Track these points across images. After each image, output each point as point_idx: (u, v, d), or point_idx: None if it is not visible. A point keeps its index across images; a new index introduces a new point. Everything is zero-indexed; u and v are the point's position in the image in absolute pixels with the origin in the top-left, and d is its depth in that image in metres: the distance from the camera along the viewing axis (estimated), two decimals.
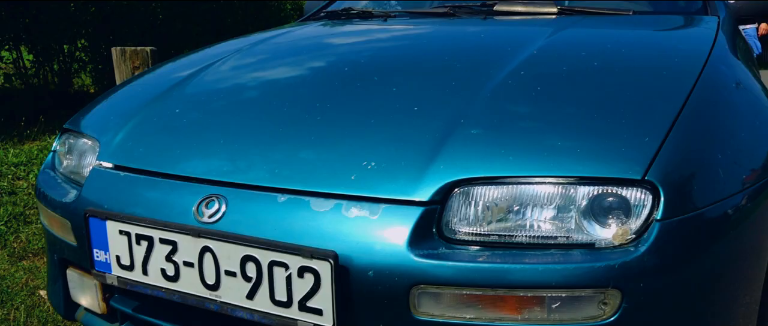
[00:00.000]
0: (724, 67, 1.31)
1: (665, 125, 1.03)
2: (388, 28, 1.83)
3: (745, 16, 1.90)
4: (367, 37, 1.79)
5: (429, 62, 1.42)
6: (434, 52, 1.50)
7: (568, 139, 1.02)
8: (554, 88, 1.17)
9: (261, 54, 1.68)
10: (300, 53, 1.67)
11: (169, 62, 1.86)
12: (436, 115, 1.12)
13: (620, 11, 1.79)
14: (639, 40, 1.52)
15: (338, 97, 1.27)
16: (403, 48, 1.59)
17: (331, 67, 1.47)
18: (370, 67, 1.41)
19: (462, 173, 1.00)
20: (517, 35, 1.59)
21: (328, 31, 1.94)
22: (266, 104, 1.30)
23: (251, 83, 1.45)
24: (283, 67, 1.54)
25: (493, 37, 1.59)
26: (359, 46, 1.67)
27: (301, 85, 1.37)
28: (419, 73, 1.35)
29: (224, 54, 1.72)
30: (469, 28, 1.72)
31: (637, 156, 0.97)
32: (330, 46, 1.74)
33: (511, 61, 1.29)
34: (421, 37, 1.72)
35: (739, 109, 1.21)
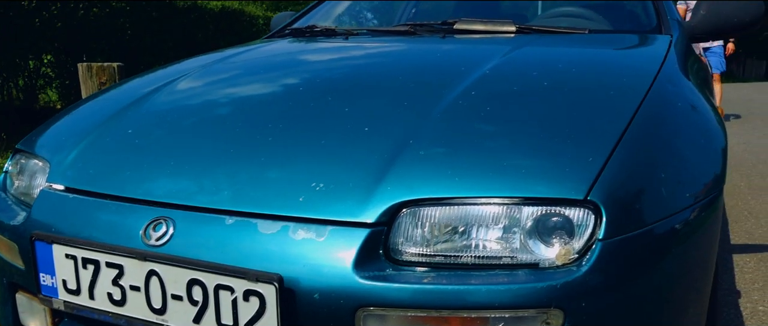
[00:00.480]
0: (671, 86, 1.34)
1: (609, 144, 1.05)
2: (348, 47, 1.83)
3: (699, 34, 1.93)
4: (326, 56, 1.79)
5: (383, 82, 1.43)
6: (389, 72, 1.51)
7: (514, 159, 1.03)
8: (503, 108, 1.19)
9: (219, 72, 1.67)
10: (257, 72, 1.66)
11: (128, 80, 1.84)
12: (386, 136, 1.13)
13: (576, 30, 1.82)
14: (590, 59, 1.55)
15: (291, 117, 1.27)
16: (360, 67, 1.60)
17: (286, 87, 1.48)
18: (324, 87, 1.42)
19: (409, 194, 1.00)
20: (471, 54, 1.60)
21: (288, 50, 1.94)
22: (219, 124, 1.29)
23: (205, 103, 1.44)
24: (238, 87, 1.54)
25: (449, 56, 1.61)
26: (316, 66, 1.67)
27: (255, 105, 1.37)
28: (373, 92, 1.36)
29: (184, 72, 1.71)
30: (427, 47, 1.73)
31: (580, 176, 0.99)
32: (288, 65, 1.74)
33: (464, 81, 1.30)
34: (378, 56, 1.73)
35: (685, 127, 1.24)
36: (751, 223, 3.17)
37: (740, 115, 8.17)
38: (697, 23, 1.91)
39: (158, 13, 5.69)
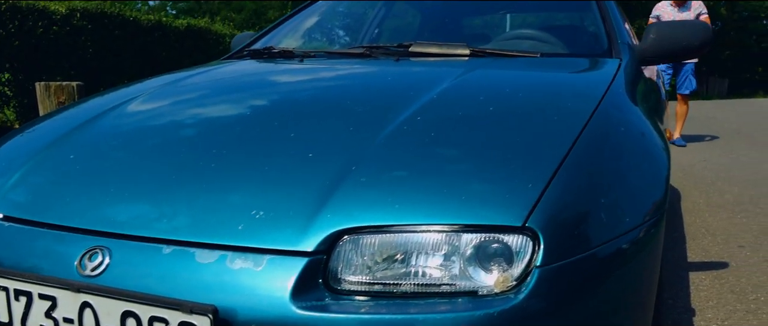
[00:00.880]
0: (615, 110, 1.36)
1: (549, 170, 1.06)
2: (302, 70, 1.83)
3: (650, 57, 1.97)
4: (278, 79, 1.78)
5: (332, 106, 1.42)
6: (339, 96, 1.51)
7: (454, 186, 1.04)
8: (447, 133, 1.19)
9: (169, 96, 1.66)
10: (207, 96, 1.65)
11: (80, 101, 1.81)
12: (329, 162, 1.12)
13: (528, 53, 1.84)
14: (538, 83, 1.57)
15: (236, 142, 1.26)
16: (310, 91, 1.59)
17: (234, 111, 1.46)
18: (272, 111, 1.41)
19: (350, 222, 1.00)
20: (422, 78, 1.61)
21: (242, 72, 1.93)
22: (161, 150, 1.27)
23: (150, 128, 1.42)
24: (186, 111, 1.52)
25: (400, 80, 1.62)
26: (267, 89, 1.66)
27: (201, 130, 1.36)
28: (320, 117, 1.35)
29: (134, 94, 1.69)
30: (379, 70, 1.74)
31: (518, 202, 0.99)
32: (239, 88, 1.73)
33: (411, 106, 1.31)
34: (330, 79, 1.73)
35: (627, 152, 1.25)
36: (708, 241, 3.22)
37: (703, 134, 8.35)
38: (648, 47, 1.95)
39: (121, 32, 5.61)
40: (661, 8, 6.49)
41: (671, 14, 6.37)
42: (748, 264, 2.82)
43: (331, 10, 2.88)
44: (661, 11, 6.46)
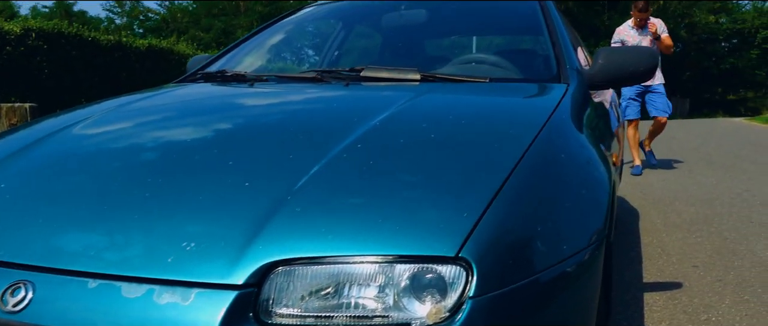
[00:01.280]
0: (557, 136, 1.37)
1: (485, 199, 1.05)
2: (250, 94, 1.81)
3: (598, 83, 2.00)
4: (225, 104, 1.77)
5: (274, 133, 1.41)
6: (283, 122, 1.49)
7: (390, 216, 1.03)
8: (385, 162, 1.18)
9: (111, 121, 1.62)
10: (150, 121, 1.62)
11: (21, 126, 1.76)
12: (265, 191, 1.11)
13: (477, 79, 1.85)
14: (483, 109, 1.57)
15: (173, 170, 1.23)
16: (255, 116, 1.58)
17: (175, 137, 1.44)
18: (214, 138, 1.39)
19: (282, 253, 0.98)
20: (367, 105, 1.61)
21: (190, 96, 1.90)
22: (95, 178, 1.24)
23: (86, 154, 1.39)
24: (126, 137, 1.49)
25: (346, 106, 1.61)
26: (211, 115, 1.64)
27: (139, 158, 1.33)
28: (262, 144, 1.34)
29: (80, 118, 1.65)
30: (327, 96, 1.73)
31: (452, 232, 0.98)
32: (183, 114, 1.70)
33: (353, 133, 1.30)
34: (277, 105, 1.71)
35: (567, 179, 1.26)
36: (663, 261, 3.27)
37: (664, 153, 8.52)
38: (596, 72, 1.98)
39: (79, 52, 5.50)
40: (624, 32, 6.37)
41: (635, 37, 6.26)
42: (701, 284, 2.86)
43: (291, 32, 2.87)
44: (625, 35, 6.34)
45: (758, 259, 3.23)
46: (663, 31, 6.33)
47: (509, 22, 2.59)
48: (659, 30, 6.26)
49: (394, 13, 2.71)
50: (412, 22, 2.67)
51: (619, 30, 6.44)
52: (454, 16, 2.64)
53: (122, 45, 6.07)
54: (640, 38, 6.26)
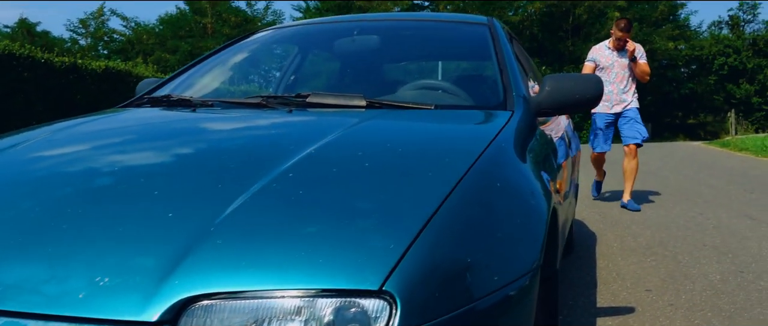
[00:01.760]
0: (494, 166, 1.36)
1: (413, 230, 1.03)
2: (191, 120, 1.78)
3: (545, 109, 2.01)
4: (163, 131, 1.72)
5: (207, 161, 1.37)
6: (217, 150, 1.46)
7: (314, 248, 1.00)
8: (315, 192, 1.16)
9: (44, 147, 1.57)
10: (83, 148, 1.57)
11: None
12: (188, 223, 1.07)
13: (422, 105, 1.85)
14: (422, 137, 1.56)
15: (97, 199, 1.19)
16: (190, 144, 1.54)
17: (105, 165, 1.39)
18: (144, 166, 1.35)
19: (200, 288, 0.94)
20: (306, 132, 1.58)
21: (129, 122, 1.86)
22: (12, 208, 1.19)
23: (9, 182, 1.33)
24: (54, 164, 1.44)
25: (285, 133, 1.59)
26: (146, 142, 1.60)
27: (63, 186, 1.27)
28: (191, 173, 1.30)
29: (15, 143, 1.60)
30: (267, 123, 1.70)
31: (377, 265, 0.96)
32: (117, 140, 1.65)
33: (286, 162, 1.27)
34: (215, 132, 1.68)
35: (502, 209, 1.25)
36: (618, 285, 3.29)
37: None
38: (543, 99, 1.99)
39: (31, 74, 5.36)
40: (598, 51, 5.90)
41: (609, 58, 5.79)
42: (653, 308, 2.88)
43: (246, 56, 2.84)
44: (598, 55, 5.87)
45: (709, 283, 3.28)
46: (641, 56, 5.83)
47: (459, 48, 2.60)
48: (637, 53, 5.77)
49: (347, 38, 2.71)
50: (366, 47, 2.66)
51: (595, 48, 6.00)
52: (406, 41, 2.65)
53: (77, 67, 5.94)
54: (613, 60, 5.81)
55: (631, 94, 5.86)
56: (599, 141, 5.95)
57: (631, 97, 5.85)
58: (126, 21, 30.84)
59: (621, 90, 5.83)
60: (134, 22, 30.68)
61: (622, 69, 5.81)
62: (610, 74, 5.81)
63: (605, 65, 5.81)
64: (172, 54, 29.19)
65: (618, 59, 5.81)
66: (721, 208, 5.74)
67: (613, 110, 5.83)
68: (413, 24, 2.84)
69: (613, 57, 5.82)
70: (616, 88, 5.82)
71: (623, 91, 5.83)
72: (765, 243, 4.22)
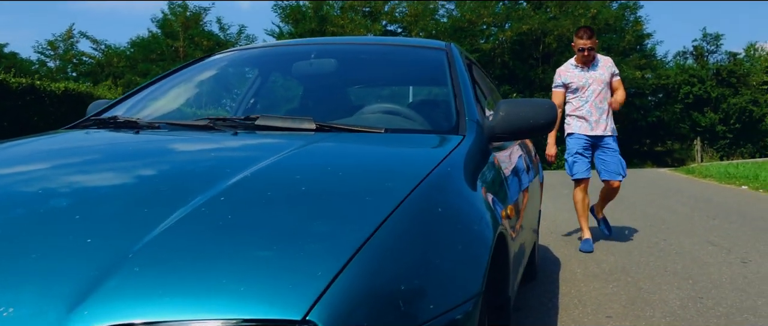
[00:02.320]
0: (437, 190, 1.33)
1: (343, 257, 0.99)
2: (131, 142, 1.72)
3: (499, 134, 1.99)
4: (100, 152, 1.66)
5: (136, 184, 1.32)
6: (151, 173, 1.41)
7: (237, 276, 0.95)
8: (244, 217, 1.11)
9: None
10: (13, 170, 1.50)
11: None
12: (107, 249, 1.01)
13: (372, 129, 1.82)
14: (366, 161, 1.53)
15: (12, 224, 1.12)
16: (124, 167, 1.48)
17: (31, 186, 1.33)
18: (69, 189, 1.29)
19: (113, 318, 0.88)
20: (247, 155, 1.54)
21: (68, 143, 1.79)
22: None
23: None
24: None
25: (224, 155, 1.54)
26: (79, 164, 1.53)
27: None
28: (118, 197, 1.24)
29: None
30: (210, 146, 1.66)
31: (301, 294, 0.92)
32: (50, 162, 1.59)
33: (220, 185, 1.22)
34: (153, 154, 1.62)
35: (441, 235, 1.21)
36: (579, 311, 3.28)
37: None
38: (497, 124, 1.97)
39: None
40: (566, 73, 5.14)
41: (581, 76, 5.07)
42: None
43: (202, 78, 2.79)
44: (567, 76, 5.12)
45: (669, 309, 3.28)
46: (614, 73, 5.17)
47: (416, 72, 2.60)
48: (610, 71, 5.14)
49: (305, 61, 2.68)
50: (324, 70, 2.64)
51: (561, 70, 5.21)
52: (364, 65, 2.63)
53: (35, 88, 5.81)
54: (587, 77, 5.07)
55: (610, 114, 5.14)
56: (581, 166, 5.11)
57: (609, 120, 5.14)
58: (96, 43, 30.40)
59: (600, 109, 5.07)
60: (104, 45, 30.38)
61: (599, 85, 5.07)
62: (587, 92, 5.08)
63: (579, 85, 5.08)
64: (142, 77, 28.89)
65: (592, 75, 5.08)
66: (684, 234, 5.80)
67: (592, 132, 5.08)
68: (372, 48, 2.82)
69: (585, 75, 5.09)
70: (595, 107, 5.07)
71: (603, 111, 5.08)
72: (725, 269, 4.26)
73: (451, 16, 30.62)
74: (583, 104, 5.09)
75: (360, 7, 30.57)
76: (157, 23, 31.31)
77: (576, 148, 5.09)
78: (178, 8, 30.80)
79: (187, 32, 29.94)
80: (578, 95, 5.10)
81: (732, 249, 4.98)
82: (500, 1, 31.02)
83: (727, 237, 5.62)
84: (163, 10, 31.56)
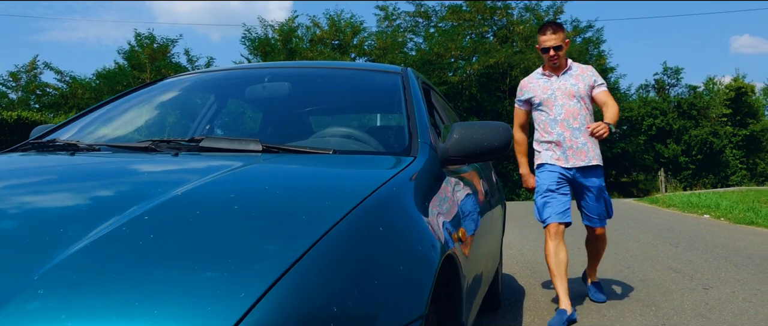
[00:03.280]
0: (379, 209, 1.27)
1: (271, 277, 0.92)
2: (65, 163, 1.64)
3: (454, 157, 1.95)
4: (27, 174, 1.57)
5: (58, 206, 1.24)
6: (77, 193, 1.32)
7: (151, 300, 0.87)
8: (167, 236, 1.04)
9: None
10: None
11: None
12: (10, 271, 0.93)
13: (320, 150, 1.77)
14: (308, 180, 1.47)
15: None
16: (47, 188, 1.39)
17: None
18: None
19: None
20: (182, 175, 1.47)
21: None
22: None
23: None
24: None
25: (158, 176, 1.47)
26: (4, 188, 1.44)
27: None
28: (36, 218, 1.16)
29: None
30: (147, 166, 1.58)
31: (222, 316, 0.85)
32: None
33: (145, 204, 1.15)
34: (83, 175, 1.53)
35: (382, 256, 1.15)
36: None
37: None
38: (451, 146, 1.94)
39: None
40: (529, 85, 3.87)
41: (547, 87, 3.77)
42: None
43: (153, 101, 2.71)
44: (530, 88, 3.85)
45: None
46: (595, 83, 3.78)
47: (371, 95, 2.56)
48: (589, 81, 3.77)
49: (258, 85, 2.63)
50: (277, 94, 2.59)
51: (524, 82, 3.92)
52: (318, 88, 2.59)
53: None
54: (553, 88, 3.76)
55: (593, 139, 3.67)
56: (554, 207, 3.70)
57: (594, 147, 3.74)
58: (61, 75, 29.88)
59: (576, 130, 3.68)
60: (69, 76, 29.87)
61: (570, 98, 3.71)
62: (554, 108, 3.73)
63: (543, 98, 3.76)
64: None
65: (560, 85, 3.76)
66: (648, 262, 5.82)
67: (569, 163, 3.71)
68: (328, 72, 2.79)
69: (551, 84, 3.78)
70: (569, 128, 3.69)
71: (579, 133, 3.68)
72: (688, 295, 4.26)
73: (420, 50, 30.94)
74: (551, 125, 3.74)
75: (329, 39, 30.76)
76: (124, 55, 30.97)
77: (546, 185, 3.71)
78: (145, 40, 30.55)
79: (154, 64, 29.68)
80: (545, 113, 3.78)
81: (694, 276, 5.00)
82: (467, 35, 31.50)
83: (689, 264, 5.65)
84: (130, 42, 31.19)
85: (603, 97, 3.80)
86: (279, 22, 30.55)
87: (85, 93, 29.31)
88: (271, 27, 30.57)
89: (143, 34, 30.72)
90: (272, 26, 30.56)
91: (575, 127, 3.71)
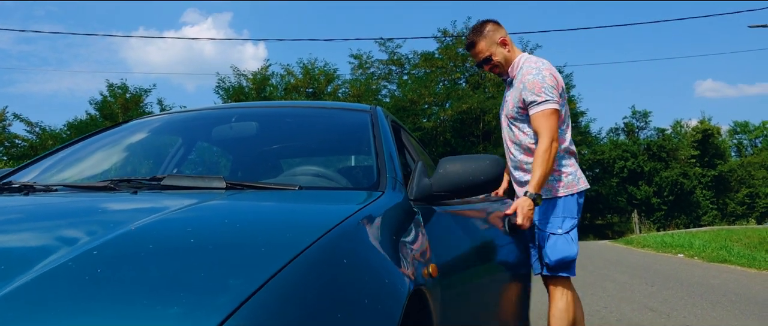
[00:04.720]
0: (344, 241, 1.23)
1: (224, 311, 0.87)
2: (17, 203, 1.56)
3: (438, 192, 1.91)
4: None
5: (3, 247, 1.17)
6: (24, 232, 1.26)
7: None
8: (116, 271, 0.97)
9: None
10: None
11: None
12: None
13: (286, 187, 1.72)
14: (271, 214, 1.42)
15: None
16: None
17: None
18: None
19: None
20: (138, 212, 1.41)
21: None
22: None
23: None
24: None
25: (114, 213, 1.41)
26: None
27: None
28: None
29: None
30: (103, 205, 1.52)
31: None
32: None
33: (97, 239, 1.09)
34: (35, 214, 1.46)
35: (346, 287, 1.11)
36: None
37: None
38: (436, 181, 1.89)
39: None
40: None
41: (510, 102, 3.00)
42: None
43: (117, 143, 2.65)
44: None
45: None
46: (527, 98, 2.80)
47: (339, 134, 2.53)
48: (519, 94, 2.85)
49: (225, 125, 2.59)
50: (244, 134, 2.55)
51: None
52: (286, 127, 2.55)
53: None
54: (503, 102, 3.11)
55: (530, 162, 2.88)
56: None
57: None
58: (31, 126, 29.44)
59: (513, 150, 3.01)
60: (39, 127, 29.44)
61: (507, 107, 3.04)
62: (502, 124, 3.12)
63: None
64: None
65: (507, 97, 3.07)
66: (624, 302, 5.79)
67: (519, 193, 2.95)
68: (294, 111, 2.76)
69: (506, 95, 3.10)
70: (511, 148, 3.04)
71: (521, 152, 2.96)
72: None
73: (393, 96, 31.24)
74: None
75: (303, 87, 30.91)
76: (96, 105, 30.71)
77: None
78: (118, 90, 30.37)
79: (127, 113, 29.45)
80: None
81: (671, 315, 4.98)
82: (440, 82, 31.93)
83: (665, 303, 5.64)
84: (102, 92, 30.97)
85: (535, 122, 2.78)
86: (252, 72, 30.61)
87: (55, 143, 28.88)
88: (244, 76, 30.62)
89: (116, 84, 30.50)
90: (245, 75, 30.61)
91: (512, 146, 3.01)
